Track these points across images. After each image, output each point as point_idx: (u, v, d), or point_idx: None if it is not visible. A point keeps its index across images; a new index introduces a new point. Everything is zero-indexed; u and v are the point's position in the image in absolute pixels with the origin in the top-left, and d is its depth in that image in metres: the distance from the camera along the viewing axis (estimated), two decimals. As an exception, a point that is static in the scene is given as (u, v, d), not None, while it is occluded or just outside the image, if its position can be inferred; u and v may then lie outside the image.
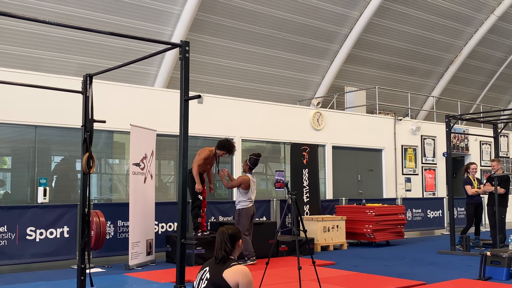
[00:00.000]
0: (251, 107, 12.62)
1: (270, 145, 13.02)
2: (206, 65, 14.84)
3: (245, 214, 8.80)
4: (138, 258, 8.69)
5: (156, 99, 11.13)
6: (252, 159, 8.99)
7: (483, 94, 22.98)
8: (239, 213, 8.84)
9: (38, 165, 9.75)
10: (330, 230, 11.07)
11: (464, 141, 17.11)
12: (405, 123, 15.67)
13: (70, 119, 9.57)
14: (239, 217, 8.82)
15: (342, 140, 14.07)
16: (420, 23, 18.19)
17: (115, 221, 9.36)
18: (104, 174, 10.87)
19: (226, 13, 14.29)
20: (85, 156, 6.00)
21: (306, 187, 12.12)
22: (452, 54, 20.19)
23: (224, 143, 8.95)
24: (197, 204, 9.10)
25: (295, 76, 16.91)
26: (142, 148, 9.05)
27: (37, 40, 12.20)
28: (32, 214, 8.53)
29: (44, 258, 8.62)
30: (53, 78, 9.77)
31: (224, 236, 3.93)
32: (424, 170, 15.94)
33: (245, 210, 8.81)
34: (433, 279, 7.48)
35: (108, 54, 13.01)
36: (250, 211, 8.85)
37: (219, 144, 8.98)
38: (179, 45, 4.81)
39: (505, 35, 21.06)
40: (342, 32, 16.69)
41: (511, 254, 7.73)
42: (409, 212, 13.88)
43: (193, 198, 9.11)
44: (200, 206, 9.13)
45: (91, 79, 6.08)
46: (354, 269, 8.45)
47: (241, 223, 8.73)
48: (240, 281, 3.72)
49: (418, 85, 20.16)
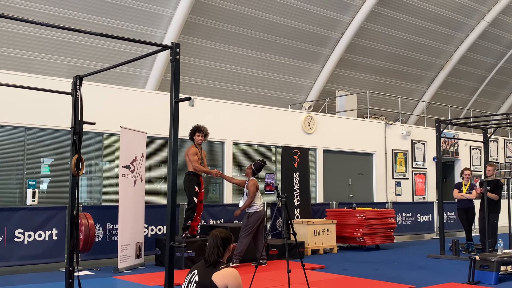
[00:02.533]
0: (242, 111, 12.61)
1: (261, 148, 13.02)
2: (197, 68, 14.83)
3: (256, 217, 8.96)
4: (127, 261, 8.64)
5: (147, 101, 11.10)
6: (258, 164, 9.19)
7: (473, 99, 23.12)
8: (249, 216, 9.01)
9: (27, 167, 9.67)
10: (320, 233, 11.07)
11: (454, 146, 17.20)
12: (396, 128, 15.73)
13: (60, 121, 9.50)
14: (248, 219, 8.98)
15: (333, 144, 14.09)
16: (411, 29, 18.29)
17: (104, 224, 9.31)
18: (94, 177, 10.81)
19: (218, 16, 14.30)
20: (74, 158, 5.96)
21: (297, 190, 12.13)
22: (443, 60, 20.32)
23: (194, 128, 9.40)
24: (191, 206, 9.12)
25: (287, 80, 16.94)
26: (132, 151, 9.01)
27: (28, 42, 12.14)
28: (21, 216, 8.46)
29: (33, 261, 8.54)
30: (44, 79, 9.70)
31: (217, 240, 3.90)
32: (414, 175, 16.00)
33: (257, 213, 8.99)
34: (422, 283, 7.49)
35: (100, 56, 12.97)
36: (261, 214, 9.03)
37: (191, 132, 9.39)
38: (170, 47, 4.79)
39: (496, 41, 21.22)
40: (334, 37, 16.75)
41: (500, 258, 7.76)
42: (399, 216, 13.92)
43: (188, 200, 9.14)
44: (194, 209, 9.15)
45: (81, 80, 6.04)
46: (344, 273, 8.45)
47: (249, 224, 8.92)
48: (229, 283, 3.70)
49: (409, 90, 20.26)
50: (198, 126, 9.47)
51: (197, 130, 9.42)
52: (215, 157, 11.98)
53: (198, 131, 9.41)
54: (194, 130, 9.44)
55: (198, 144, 9.40)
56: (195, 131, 9.43)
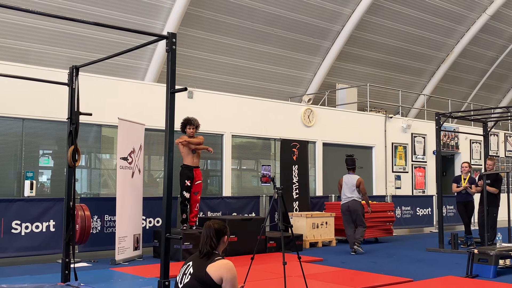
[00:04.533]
0: (242, 103, 12.56)
1: (260, 141, 12.98)
2: (197, 60, 14.77)
3: (342, 208, 10.34)
4: (125, 253, 8.63)
5: (146, 93, 11.05)
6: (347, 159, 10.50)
7: (474, 93, 23.04)
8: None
9: (25, 158, 9.64)
10: (319, 226, 11.06)
11: (454, 140, 17.14)
12: (396, 121, 15.68)
13: (58, 112, 9.46)
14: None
15: (332, 137, 14.05)
16: (412, 21, 18.20)
17: (102, 216, 9.29)
18: (93, 169, 10.79)
19: (218, 8, 14.21)
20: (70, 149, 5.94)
21: (296, 183, 12.10)
22: (444, 53, 20.23)
23: (184, 121, 9.43)
24: (181, 200, 9.30)
25: (287, 73, 16.87)
26: (130, 142, 8.98)
27: (26, 33, 12.08)
28: (18, 207, 8.44)
29: (30, 252, 8.54)
30: (41, 70, 9.65)
31: (210, 230, 3.90)
32: (414, 168, 15.96)
33: (342, 206, 10.35)
34: (420, 276, 7.48)
35: (98, 47, 12.90)
36: (343, 207, 10.30)
37: (182, 124, 9.42)
38: (166, 37, 4.77)
39: (497, 34, 21.12)
40: (334, 29, 16.66)
41: (498, 252, 7.74)
42: (399, 210, 13.90)
43: (180, 194, 9.22)
44: (185, 203, 9.31)
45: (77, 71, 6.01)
46: (342, 266, 8.43)
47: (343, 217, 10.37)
48: (224, 275, 3.69)
49: (409, 83, 20.18)
50: (188, 119, 9.47)
51: (187, 123, 9.43)
52: (214, 149, 11.92)
53: (189, 123, 9.42)
54: (184, 123, 9.46)
55: (190, 136, 9.41)
56: (185, 123, 9.45)
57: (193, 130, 9.41)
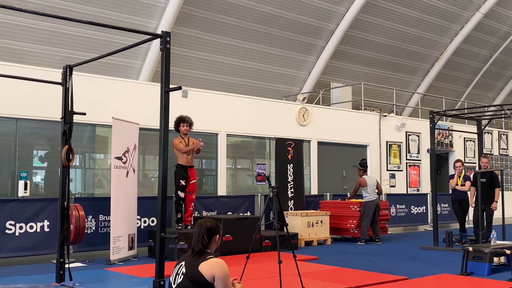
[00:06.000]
0: (236, 102, 12.55)
1: (255, 140, 12.98)
2: (191, 59, 14.74)
3: (369, 205, 11.23)
4: (119, 253, 8.61)
5: (140, 92, 11.02)
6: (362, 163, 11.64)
7: (468, 91, 23.11)
8: (364, 205, 11.29)
9: (19, 158, 9.60)
10: (314, 225, 11.06)
11: (448, 138, 17.20)
12: (390, 120, 15.71)
13: (52, 112, 9.40)
14: (364, 207, 11.27)
15: (327, 135, 14.06)
16: (406, 20, 18.23)
17: (97, 216, 9.26)
18: (88, 169, 10.76)
19: (212, 7, 14.20)
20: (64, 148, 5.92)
21: (291, 182, 12.10)
22: (437, 51, 20.28)
23: (178, 119, 9.41)
24: (176, 200, 9.29)
25: (281, 72, 16.87)
26: (124, 142, 8.96)
27: (20, 33, 12.03)
28: (12, 207, 8.40)
29: (24, 252, 8.50)
30: (35, 70, 9.61)
31: (202, 229, 3.91)
32: (409, 167, 16.00)
33: (368, 203, 11.26)
34: (415, 274, 7.49)
35: (93, 47, 12.86)
36: (371, 203, 11.25)
37: (176, 123, 9.38)
38: (160, 36, 4.75)
39: (490, 33, 21.19)
40: (329, 28, 16.68)
41: (493, 249, 7.77)
42: (393, 208, 13.92)
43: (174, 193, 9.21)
44: (179, 202, 9.29)
45: (71, 70, 5.99)
46: (337, 264, 8.44)
47: (366, 212, 11.20)
48: (216, 274, 3.69)
49: (403, 81, 20.23)
50: (181, 117, 9.45)
51: (181, 121, 9.41)
52: (209, 149, 11.93)
53: (182, 121, 9.40)
54: (178, 121, 9.43)
55: (184, 134, 9.41)
56: (179, 122, 9.42)
57: (187, 127, 9.38)
